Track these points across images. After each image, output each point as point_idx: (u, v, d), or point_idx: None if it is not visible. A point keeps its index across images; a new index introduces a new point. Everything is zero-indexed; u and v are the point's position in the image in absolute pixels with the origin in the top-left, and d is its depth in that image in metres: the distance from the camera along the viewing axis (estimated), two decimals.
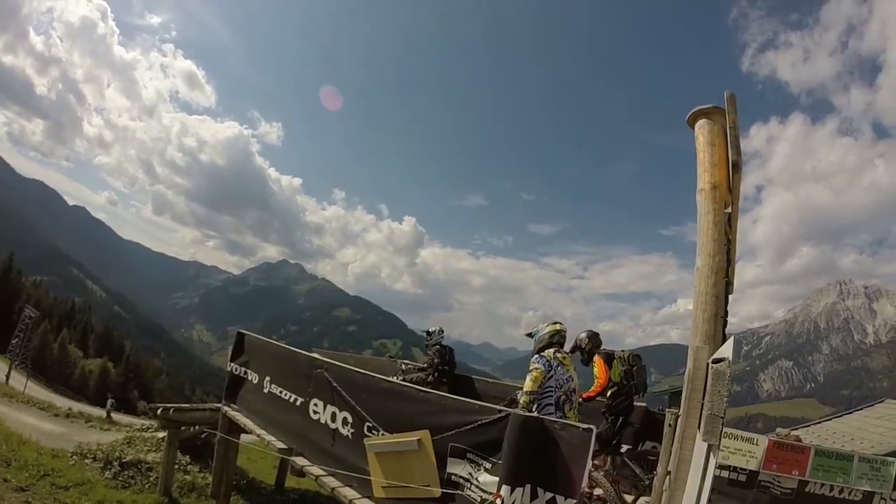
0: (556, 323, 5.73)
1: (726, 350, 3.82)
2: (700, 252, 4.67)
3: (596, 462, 6.59)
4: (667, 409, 5.91)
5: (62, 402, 33.51)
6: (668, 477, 4.14)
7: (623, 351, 7.44)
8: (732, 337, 4.07)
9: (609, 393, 7.13)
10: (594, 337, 7.60)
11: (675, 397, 8.18)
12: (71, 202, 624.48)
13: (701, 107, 5.07)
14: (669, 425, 4.38)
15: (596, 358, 7.30)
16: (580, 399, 6.62)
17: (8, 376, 40.76)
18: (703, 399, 3.78)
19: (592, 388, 7.13)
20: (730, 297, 4.55)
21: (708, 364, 3.77)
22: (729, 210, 4.66)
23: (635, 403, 7.36)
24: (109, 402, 37.25)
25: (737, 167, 4.67)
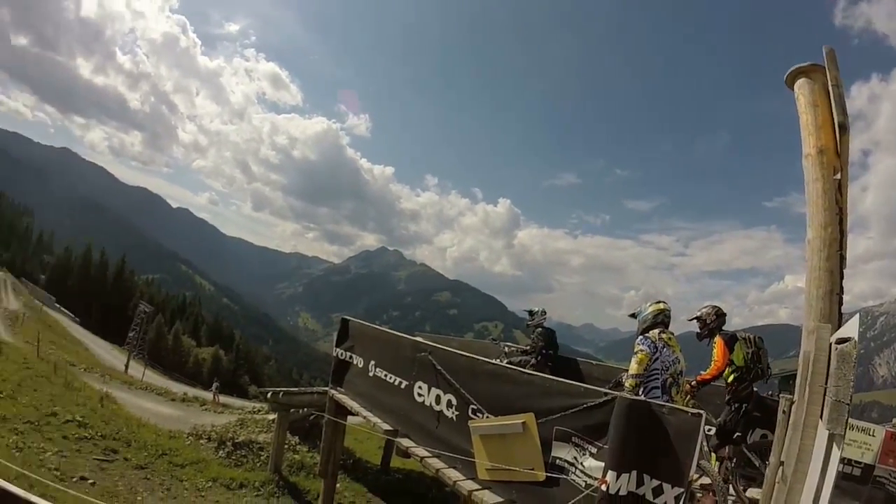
0: (659, 302, 5.53)
1: (850, 329, 3.50)
2: (811, 223, 4.37)
3: (721, 454, 6.25)
4: (780, 395, 5.49)
5: (178, 388, 36.07)
6: (780, 468, 3.90)
7: (749, 333, 6.69)
8: (857, 314, 3.73)
9: (731, 378, 6.45)
10: (721, 316, 6.87)
11: (785, 382, 7.55)
12: (174, 205, 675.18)
13: (799, 65, 4.72)
14: (783, 412, 4.10)
15: (717, 338, 6.59)
16: (694, 382, 6.37)
17: (127, 366, 44.23)
18: (826, 384, 3.48)
19: (708, 370, 6.49)
20: (844, 271, 4.27)
21: (830, 345, 3.53)
22: (838, 176, 4.31)
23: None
24: (215, 385, 38.93)
25: (844, 128, 4.32)
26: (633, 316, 5.64)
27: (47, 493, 6.68)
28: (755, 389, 6.66)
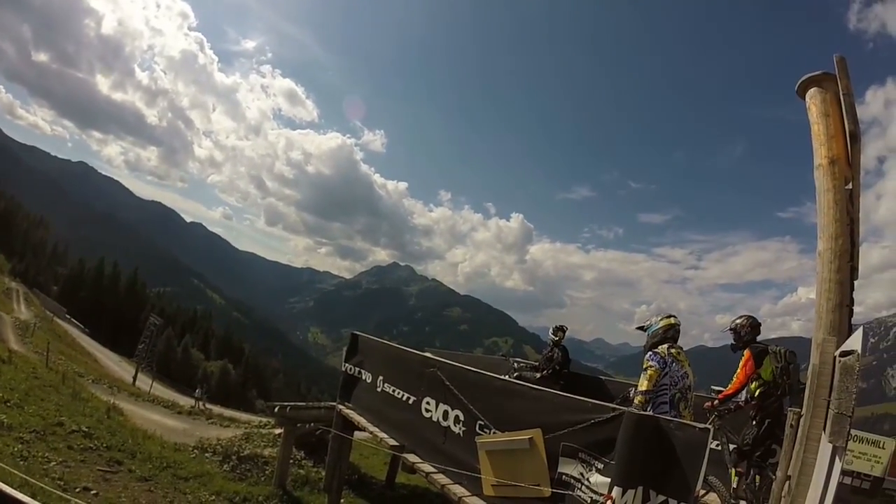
0: (669, 316, 5.43)
1: (854, 342, 3.47)
2: (821, 234, 4.33)
3: (739, 469, 6.11)
4: (788, 409, 5.37)
5: (185, 401, 36.05)
6: (787, 482, 3.86)
7: (778, 346, 6.46)
8: (861, 328, 3.68)
9: (758, 392, 6.23)
10: (756, 327, 6.62)
11: (795, 396, 7.42)
12: (188, 219, 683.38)
13: (810, 74, 4.70)
14: (791, 426, 4.11)
15: (746, 351, 6.37)
16: (716, 401, 6.25)
17: (135, 378, 44.46)
18: (830, 396, 3.44)
19: (730, 385, 6.31)
20: (855, 283, 4.19)
21: (835, 358, 3.48)
22: (850, 186, 4.28)
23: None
24: (197, 391, 38.01)
25: (855, 138, 4.30)
26: (642, 329, 5.56)
27: (50, 503, 6.65)
28: (787, 405, 6.47)
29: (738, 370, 6.29)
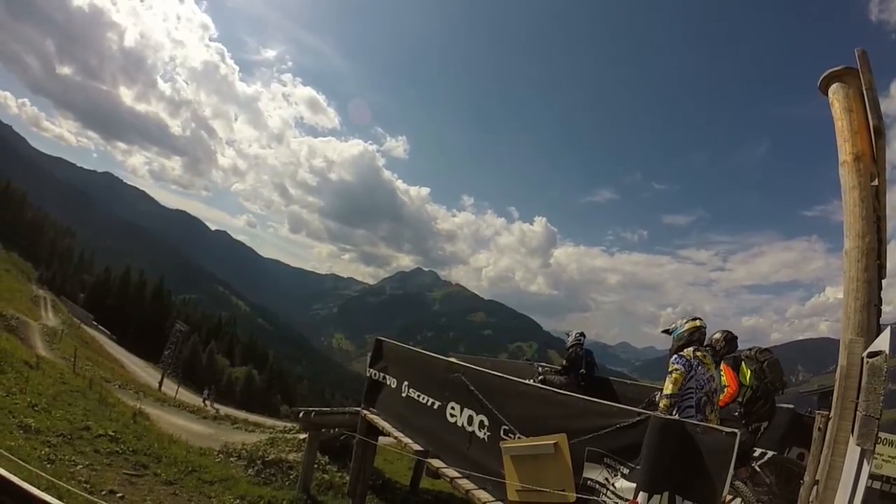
0: (695, 319, 5.41)
1: (882, 342, 3.42)
2: (848, 233, 4.30)
3: (738, 475, 6.11)
4: (816, 412, 5.28)
5: (214, 407, 36.34)
6: (815, 486, 3.80)
7: (751, 349, 6.58)
8: (889, 327, 3.62)
9: (745, 399, 6.27)
10: (731, 341, 6.71)
11: (824, 398, 7.21)
12: (213, 227, 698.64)
13: (832, 69, 4.66)
14: (819, 429, 4.03)
15: (723, 366, 6.39)
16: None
17: (161, 383, 45.04)
18: (858, 398, 3.41)
19: (722, 396, 6.16)
20: (883, 282, 4.14)
21: (862, 359, 3.43)
22: (876, 182, 4.25)
23: (780, 405, 6.55)
24: (205, 391, 37.67)
25: (879, 133, 4.25)
26: (668, 332, 5.52)
27: None
28: (790, 406, 6.40)
29: (726, 383, 6.24)
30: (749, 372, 6.28)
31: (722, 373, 6.33)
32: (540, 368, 10.53)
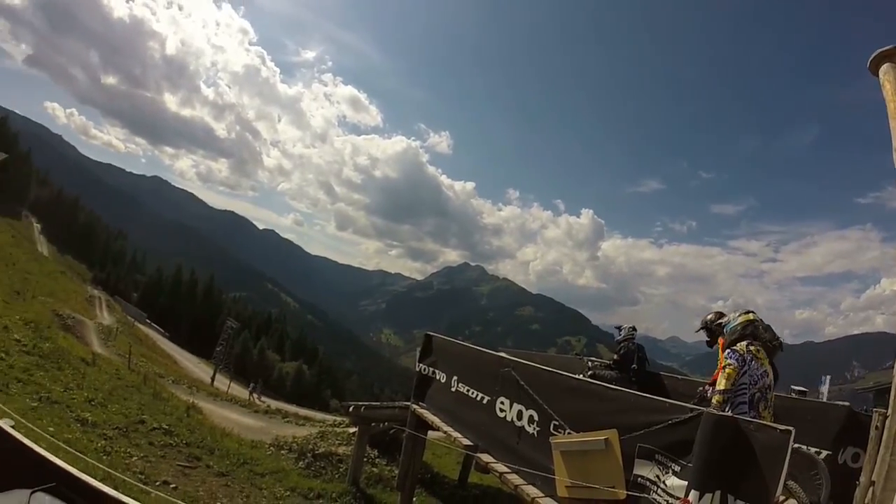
0: (749, 312, 5.27)
1: None
2: None
3: None
4: (872, 409, 5.10)
5: (261, 400, 37.05)
6: (871, 488, 3.65)
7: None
8: None
9: None
10: (721, 317, 6.47)
11: (881, 395, 6.88)
12: (261, 227, 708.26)
13: (881, 49, 4.41)
14: (875, 428, 3.87)
15: (720, 341, 6.02)
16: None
17: (213, 378, 46.23)
18: None
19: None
20: None
21: None
22: None
23: (835, 402, 6.32)
24: (252, 385, 38.19)
25: None
26: (707, 328, 5.41)
27: (132, 495, 7.07)
28: (846, 404, 6.17)
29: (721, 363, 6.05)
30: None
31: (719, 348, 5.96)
32: (590, 363, 10.44)
